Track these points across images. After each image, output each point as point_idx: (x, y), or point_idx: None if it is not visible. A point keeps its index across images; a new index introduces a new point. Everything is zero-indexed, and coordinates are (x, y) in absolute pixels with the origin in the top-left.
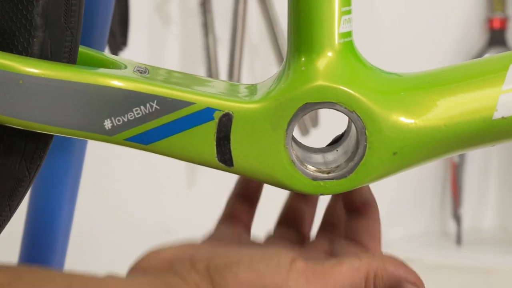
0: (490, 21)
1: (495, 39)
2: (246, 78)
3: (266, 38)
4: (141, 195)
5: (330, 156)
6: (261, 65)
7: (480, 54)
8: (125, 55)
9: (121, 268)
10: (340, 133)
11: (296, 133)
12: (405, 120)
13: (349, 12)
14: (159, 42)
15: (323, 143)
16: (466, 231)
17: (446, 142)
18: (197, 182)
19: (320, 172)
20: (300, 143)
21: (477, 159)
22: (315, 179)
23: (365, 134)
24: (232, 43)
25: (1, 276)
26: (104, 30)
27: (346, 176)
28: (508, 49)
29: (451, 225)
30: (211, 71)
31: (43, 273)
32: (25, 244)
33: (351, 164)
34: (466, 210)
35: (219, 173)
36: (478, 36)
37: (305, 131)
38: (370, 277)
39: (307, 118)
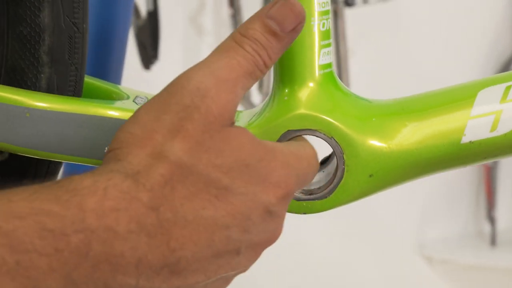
0: None
1: None
2: None
3: None
4: None
5: (317, 177)
6: None
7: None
8: (160, 65)
9: None
10: (328, 155)
11: None
12: (380, 144)
13: (328, 45)
14: (193, 52)
15: None
16: (501, 232)
17: (418, 164)
18: None
19: (302, 193)
20: None
21: (510, 161)
22: (298, 199)
23: (343, 158)
24: None
25: None
26: (120, 60)
27: (326, 197)
28: None
29: (486, 227)
30: None
31: None
32: None
33: (331, 186)
34: (500, 212)
35: None
36: (508, 42)
37: None
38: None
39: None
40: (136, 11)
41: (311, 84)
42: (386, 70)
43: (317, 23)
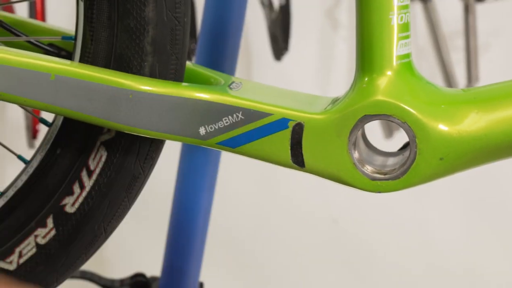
0: None
1: None
2: None
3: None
4: (308, 185)
5: (394, 159)
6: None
7: None
8: (291, 56)
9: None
10: (406, 141)
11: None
12: (451, 130)
13: (407, 37)
14: (327, 45)
15: None
16: None
17: (487, 149)
18: None
19: (378, 173)
20: (372, 146)
21: None
22: (373, 179)
23: (415, 142)
24: None
25: None
26: (234, 51)
27: (399, 178)
28: None
29: None
30: None
31: None
32: (170, 229)
33: (404, 167)
34: None
35: None
36: None
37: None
38: None
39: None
40: (270, 4)
41: (388, 73)
42: None
43: (396, 17)
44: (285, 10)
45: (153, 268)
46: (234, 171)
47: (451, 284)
